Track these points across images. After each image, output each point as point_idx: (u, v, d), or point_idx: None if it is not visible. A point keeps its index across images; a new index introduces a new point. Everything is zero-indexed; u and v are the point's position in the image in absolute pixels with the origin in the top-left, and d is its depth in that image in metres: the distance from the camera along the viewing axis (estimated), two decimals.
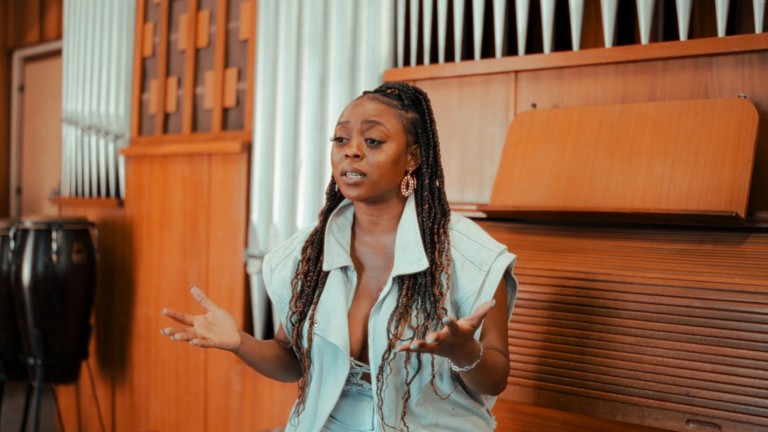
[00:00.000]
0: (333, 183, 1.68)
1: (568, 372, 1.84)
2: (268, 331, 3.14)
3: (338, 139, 1.59)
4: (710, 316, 1.67)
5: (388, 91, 1.62)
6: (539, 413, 2.11)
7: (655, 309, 1.73)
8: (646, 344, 1.74)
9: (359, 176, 1.54)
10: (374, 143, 1.55)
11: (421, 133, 1.61)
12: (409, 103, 1.61)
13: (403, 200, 1.62)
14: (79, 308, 3.58)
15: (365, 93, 1.64)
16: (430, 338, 1.31)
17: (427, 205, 1.59)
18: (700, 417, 1.66)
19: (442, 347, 1.35)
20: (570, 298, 1.86)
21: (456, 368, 1.48)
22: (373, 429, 1.60)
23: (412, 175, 1.61)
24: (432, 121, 1.62)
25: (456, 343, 1.37)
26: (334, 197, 1.68)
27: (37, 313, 3.47)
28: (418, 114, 1.62)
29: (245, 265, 3.17)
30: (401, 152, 1.57)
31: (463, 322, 1.36)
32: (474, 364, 1.45)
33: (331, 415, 1.64)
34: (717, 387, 1.64)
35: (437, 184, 1.62)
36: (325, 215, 1.67)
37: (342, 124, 1.58)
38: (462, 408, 1.63)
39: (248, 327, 3.22)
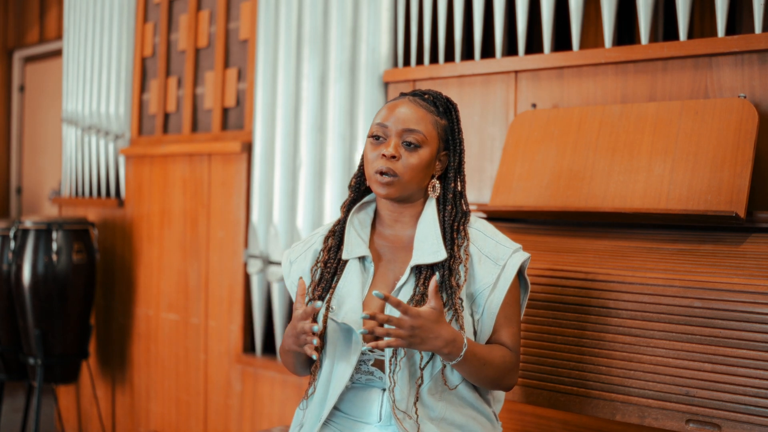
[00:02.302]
0: (356, 177, 1.74)
1: (567, 372, 1.84)
2: (268, 330, 3.14)
3: (374, 137, 1.64)
4: (710, 316, 1.67)
5: (425, 96, 1.68)
6: (539, 413, 2.12)
7: (655, 309, 1.73)
8: (646, 344, 1.74)
9: (393, 177, 1.60)
10: (411, 146, 1.62)
11: (451, 140, 1.68)
12: (443, 110, 1.68)
13: (426, 199, 1.68)
14: (79, 308, 3.58)
15: (402, 95, 1.69)
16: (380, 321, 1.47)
17: (450, 206, 1.66)
18: (700, 417, 1.66)
19: (403, 328, 1.45)
20: (570, 298, 1.86)
21: (446, 362, 1.54)
22: (380, 420, 1.62)
23: (438, 178, 1.68)
24: (460, 130, 1.69)
25: (417, 326, 1.46)
26: (358, 191, 1.74)
27: (37, 313, 3.47)
28: (449, 122, 1.68)
29: (245, 265, 3.17)
30: (433, 157, 1.65)
31: (425, 307, 1.49)
32: (461, 356, 1.51)
33: (336, 408, 1.66)
34: (717, 387, 1.64)
35: (460, 188, 1.70)
36: (348, 207, 1.73)
37: (380, 125, 1.64)
38: (468, 404, 1.65)
39: (248, 327, 3.22)
